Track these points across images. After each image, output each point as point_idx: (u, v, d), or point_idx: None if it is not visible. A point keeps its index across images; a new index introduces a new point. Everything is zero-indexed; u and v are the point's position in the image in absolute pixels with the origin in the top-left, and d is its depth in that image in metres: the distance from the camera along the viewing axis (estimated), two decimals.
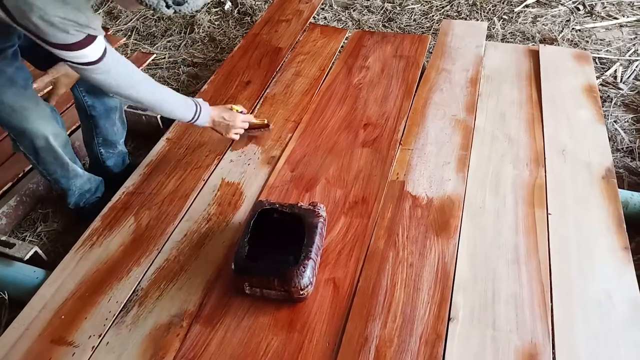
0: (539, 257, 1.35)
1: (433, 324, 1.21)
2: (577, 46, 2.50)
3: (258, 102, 1.92)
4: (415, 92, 1.95)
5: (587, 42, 2.53)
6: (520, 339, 1.18)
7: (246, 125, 1.67)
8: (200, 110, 1.50)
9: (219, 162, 1.68)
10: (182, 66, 2.42)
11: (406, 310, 1.24)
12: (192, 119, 1.50)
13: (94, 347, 1.20)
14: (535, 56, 2.13)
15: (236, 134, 1.65)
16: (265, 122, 1.74)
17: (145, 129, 1.94)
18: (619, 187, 1.58)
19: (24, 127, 1.38)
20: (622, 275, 1.31)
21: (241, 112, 1.65)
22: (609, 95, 2.21)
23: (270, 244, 1.37)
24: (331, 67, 2.10)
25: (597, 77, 2.26)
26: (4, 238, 1.46)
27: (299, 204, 1.38)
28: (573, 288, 1.29)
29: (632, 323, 1.21)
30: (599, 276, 1.31)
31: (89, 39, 1.18)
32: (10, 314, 1.35)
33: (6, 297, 1.38)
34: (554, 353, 1.16)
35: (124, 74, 1.33)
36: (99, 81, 1.29)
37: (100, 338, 1.21)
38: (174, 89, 2.24)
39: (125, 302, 1.29)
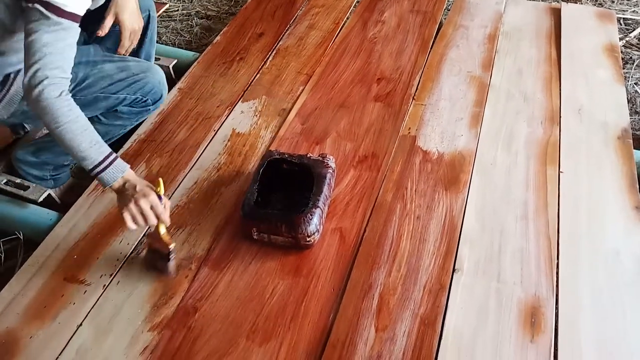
0: (548, 214, 1.34)
1: (437, 275, 1.23)
2: (602, 6, 2.41)
3: (270, 54, 1.90)
4: (431, 47, 1.92)
5: (613, 1, 2.44)
6: (524, 292, 1.19)
7: (156, 211, 1.14)
8: (113, 160, 1.14)
9: (230, 112, 1.67)
10: (195, 18, 2.39)
11: (411, 261, 1.25)
12: (99, 165, 1.12)
13: (105, 285, 1.23)
14: (556, 14, 2.06)
15: (130, 218, 1.14)
16: (171, 247, 1.18)
17: None
18: (635, 149, 1.56)
19: None
20: (631, 234, 1.30)
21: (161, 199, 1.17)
22: (631, 57, 2.14)
23: (279, 194, 1.38)
24: (346, 20, 2.06)
25: (621, 39, 2.19)
26: (18, 181, 1.49)
27: (308, 155, 1.38)
28: (581, 245, 1.28)
29: (638, 280, 1.21)
30: (608, 234, 1.30)
31: None
32: (25, 253, 1.39)
33: (21, 237, 1.41)
34: (557, 307, 1.17)
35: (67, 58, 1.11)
36: (41, 41, 1.06)
37: (112, 277, 1.25)
38: (186, 41, 2.24)
39: (136, 244, 1.31)
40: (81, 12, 1.12)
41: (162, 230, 1.17)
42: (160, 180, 1.20)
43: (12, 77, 1.29)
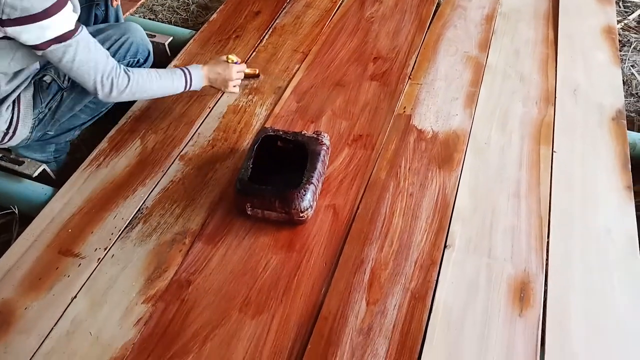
0: (540, 192, 1.35)
1: (429, 250, 1.24)
2: None
3: (267, 32, 1.89)
4: (429, 27, 1.91)
5: None
6: (514, 268, 1.20)
7: (242, 76, 1.54)
8: (191, 76, 1.41)
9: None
10: None
11: (403, 237, 1.27)
12: (186, 86, 1.42)
13: (99, 259, 1.24)
14: None
15: (235, 86, 1.52)
16: (257, 72, 1.69)
17: (154, 56, 1.92)
18: (629, 130, 1.56)
19: None
20: (623, 213, 1.32)
21: (235, 63, 1.51)
22: (629, 40, 2.14)
23: (273, 171, 1.38)
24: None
25: (619, 22, 2.18)
26: (13, 155, 1.49)
27: (302, 132, 1.38)
28: (573, 222, 1.29)
29: (628, 257, 1.22)
30: (599, 212, 1.32)
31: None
32: (20, 227, 1.39)
33: (16, 212, 1.42)
34: (546, 282, 1.18)
35: (94, 49, 1.24)
36: (80, 63, 1.20)
37: (106, 251, 1.26)
38: (182, 19, 2.23)
39: (130, 219, 1.32)
40: (75, 21, 1.20)
41: (248, 70, 1.64)
42: (227, 55, 1.51)
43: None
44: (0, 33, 1.12)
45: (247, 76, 1.65)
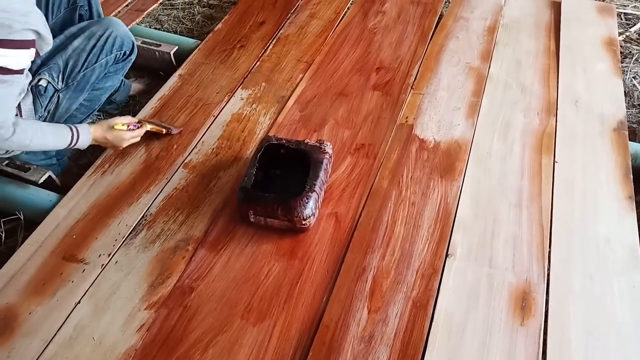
0: (542, 202, 1.36)
1: (430, 259, 1.24)
2: (603, 0, 2.41)
3: (271, 42, 1.91)
4: (431, 38, 1.93)
5: None
6: (515, 277, 1.21)
7: (137, 138, 1.46)
8: (78, 135, 1.35)
9: (230, 99, 1.69)
10: (197, 6, 2.40)
11: (405, 245, 1.27)
12: (70, 144, 1.35)
13: (103, 265, 1.25)
14: (556, 7, 2.07)
15: (129, 143, 1.45)
16: (167, 131, 1.53)
17: (159, 65, 1.95)
18: (631, 141, 1.57)
19: None
20: (623, 223, 1.32)
21: (128, 127, 1.43)
22: (630, 52, 2.15)
23: (276, 179, 1.40)
24: (347, 10, 2.07)
25: (621, 34, 2.20)
26: (19, 162, 1.50)
27: (305, 141, 1.39)
28: (573, 232, 1.30)
29: (628, 267, 1.22)
30: (600, 222, 1.32)
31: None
32: (25, 233, 1.40)
33: (22, 218, 1.43)
34: (547, 292, 1.18)
35: (10, 100, 1.21)
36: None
37: (110, 257, 1.27)
38: (188, 28, 2.26)
39: (134, 225, 1.33)
40: (25, 66, 1.19)
41: (148, 127, 1.49)
42: (115, 126, 1.41)
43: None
44: None
45: (154, 132, 1.52)
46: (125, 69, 1.64)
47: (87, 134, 1.37)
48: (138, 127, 1.45)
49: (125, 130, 1.42)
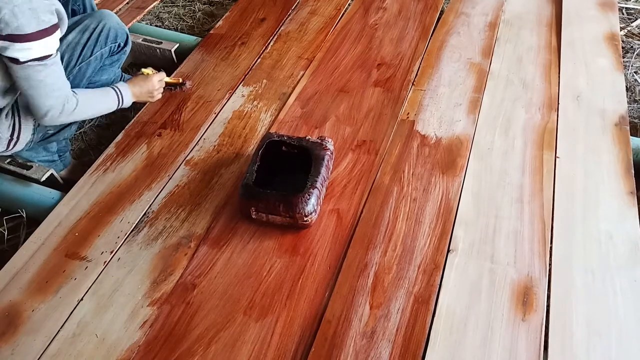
0: (543, 197, 1.36)
1: (432, 255, 1.25)
2: None
3: (272, 39, 1.91)
4: (432, 34, 1.92)
5: None
6: (517, 272, 1.21)
7: (163, 84, 1.59)
8: (122, 94, 1.46)
9: (231, 96, 1.69)
10: (198, 4, 2.40)
11: (406, 241, 1.27)
12: (119, 105, 1.45)
13: (105, 262, 1.26)
14: (558, 3, 2.07)
15: (159, 93, 1.58)
16: (180, 80, 1.68)
17: (160, 62, 1.95)
18: (633, 136, 1.57)
19: None
20: (625, 218, 1.32)
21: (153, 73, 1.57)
22: (632, 47, 2.14)
23: (277, 175, 1.40)
24: (348, 7, 2.07)
25: (622, 29, 2.19)
26: (21, 160, 1.51)
27: (306, 137, 1.39)
28: (575, 227, 1.30)
29: (630, 262, 1.22)
30: (602, 217, 1.32)
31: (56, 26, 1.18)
32: (28, 230, 1.41)
33: (24, 215, 1.43)
34: (549, 287, 1.19)
35: (61, 73, 1.26)
36: (44, 84, 1.21)
37: (112, 254, 1.27)
38: (189, 26, 2.25)
39: (136, 222, 1.34)
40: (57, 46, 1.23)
41: (169, 79, 1.64)
42: (142, 70, 1.56)
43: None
44: None
45: (170, 85, 1.67)
46: (120, 61, 1.63)
47: (127, 90, 1.47)
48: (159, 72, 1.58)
49: (152, 73, 1.54)
